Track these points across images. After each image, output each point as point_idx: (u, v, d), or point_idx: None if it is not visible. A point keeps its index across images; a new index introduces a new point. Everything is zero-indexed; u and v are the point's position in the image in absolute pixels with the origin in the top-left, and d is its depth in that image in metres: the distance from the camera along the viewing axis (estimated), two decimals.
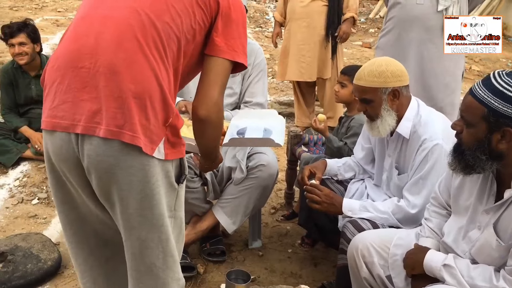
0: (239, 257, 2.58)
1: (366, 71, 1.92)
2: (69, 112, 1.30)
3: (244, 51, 1.47)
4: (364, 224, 1.93)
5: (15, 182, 3.17)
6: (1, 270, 2.24)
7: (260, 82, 2.56)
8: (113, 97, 1.28)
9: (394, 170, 2.04)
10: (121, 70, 1.28)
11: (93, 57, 1.30)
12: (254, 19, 8.15)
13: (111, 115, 1.27)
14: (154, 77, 1.31)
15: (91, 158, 1.29)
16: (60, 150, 1.33)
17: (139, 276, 1.44)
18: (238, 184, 2.41)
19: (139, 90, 1.28)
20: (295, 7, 3.86)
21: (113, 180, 1.31)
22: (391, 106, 1.92)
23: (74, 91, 1.30)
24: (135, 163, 1.30)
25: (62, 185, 1.42)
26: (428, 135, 1.88)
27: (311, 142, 2.93)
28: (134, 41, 1.30)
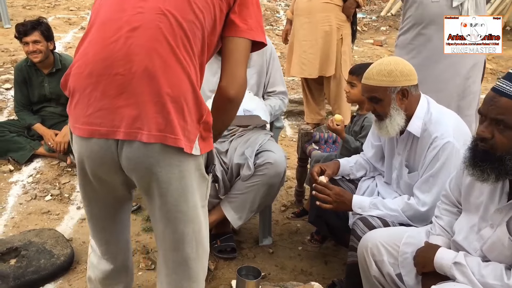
0: (249, 254, 2.59)
1: (375, 71, 1.92)
2: (106, 119, 1.33)
3: (262, 29, 1.50)
4: (374, 221, 1.92)
5: (29, 178, 3.21)
6: (15, 265, 2.28)
7: (278, 70, 2.64)
8: (152, 102, 1.31)
9: (404, 169, 2.03)
10: (157, 75, 1.31)
11: (127, 64, 1.31)
12: (265, 17, 8.14)
13: (151, 120, 1.31)
14: (188, 79, 1.35)
15: (131, 160, 1.36)
16: (97, 155, 1.38)
17: (175, 266, 1.54)
18: (245, 180, 2.42)
19: (176, 94, 1.32)
20: (298, 4, 3.86)
21: (153, 178, 1.37)
22: (400, 105, 1.92)
23: (110, 98, 1.33)
24: (173, 161, 1.37)
25: (90, 184, 1.51)
26: (439, 133, 1.87)
27: (321, 140, 2.93)
28: (166, 45, 1.33)
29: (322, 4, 3.75)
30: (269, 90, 2.64)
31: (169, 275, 1.56)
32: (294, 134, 4.22)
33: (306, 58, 3.86)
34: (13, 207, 2.91)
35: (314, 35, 3.80)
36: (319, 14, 3.76)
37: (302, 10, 3.83)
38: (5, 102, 4.18)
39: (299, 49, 3.89)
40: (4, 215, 2.83)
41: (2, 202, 2.94)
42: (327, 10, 3.76)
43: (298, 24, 3.88)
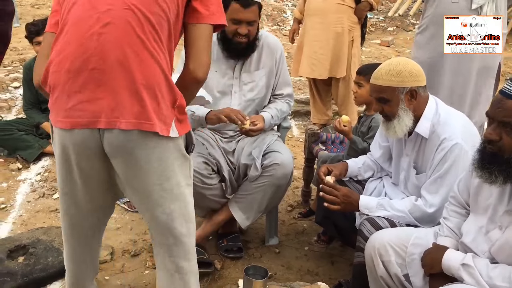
0: (256, 254, 2.60)
1: (383, 71, 1.91)
2: (87, 111, 1.44)
3: (223, 12, 1.61)
4: (381, 222, 1.92)
5: (37, 177, 3.23)
6: (23, 262, 2.29)
7: (286, 71, 2.63)
8: (128, 92, 1.43)
9: (412, 170, 2.03)
10: (131, 67, 1.43)
11: (102, 58, 1.43)
12: (272, 17, 8.15)
13: (128, 109, 1.44)
14: (159, 68, 1.47)
15: (112, 145, 1.47)
16: (82, 143, 1.48)
17: (170, 248, 1.65)
18: (253, 181, 2.42)
19: (149, 83, 1.45)
20: (310, 3, 3.84)
21: (134, 162, 1.50)
22: (408, 106, 1.91)
23: (89, 91, 1.44)
24: (152, 143, 1.49)
25: (71, 178, 1.58)
26: (447, 134, 1.86)
27: (328, 141, 2.93)
28: (136, 38, 1.44)
29: (336, 6, 3.73)
30: (277, 92, 2.62)
31: (166, 257, 1.66)
32: (300, 134, 4.22)
33: (317, 58, 3.84)
34: (21, 205, 2.93)
35: (325, 35, 3.79)
36: (332, 15, 3.74)
37: (315, 10, 3.81)
38: (14, 101, 4.21)
39: (310, 49, 3.87)
40: (12, 212, 2.85)
41: (11, 200, 2.97)
42: (340, 12, 3.74)
43: (310, 24, 3.86)
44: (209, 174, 2.37)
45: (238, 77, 2.50)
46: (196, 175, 2.30)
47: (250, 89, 2.52)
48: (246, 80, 2.51)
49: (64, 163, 1.56)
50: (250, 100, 2.53)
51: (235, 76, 2.50)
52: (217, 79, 2.48)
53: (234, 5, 2.30)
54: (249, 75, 2.51)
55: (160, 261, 1.70)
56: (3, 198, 2.96)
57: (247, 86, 2.52)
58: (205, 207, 2.50)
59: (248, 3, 2.30)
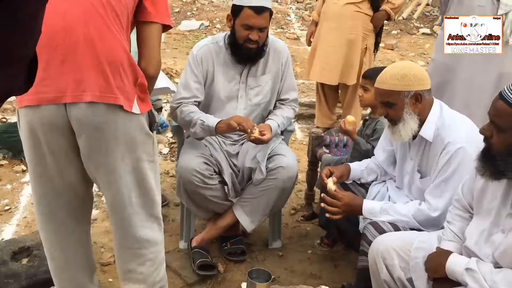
0: (259, 257, 2.60)
1: (388, 75, 1.91)
2: (52, 86, 1.50)
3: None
4: (385, 226, 1.92)
5: None
6: (27, 264, 2.30)
7: (291, 76, 2.62)
8: (92, 67, 1.51)
9: (416, 174, 2.03)
10: (95, 43, 1.51)
11: (67, 35, 1.49)
12: (276, 20, 8.15)
13: (93, 83, 1.51)
14: (121, 46, 1.56)
15: (81, 120, 1.54)
16: (49, 120, 1.53)
17: (128, 222, 1.71)
18: (257, 184, 2.42)
19: (112, 59, 1.53)
20: (328, 7, 3.81)
21: (101, 137, 1.57)
22: (413, 110, 1.91)
23: (54, 67, 1.50)
24: (118, 119, 1.58)
25: (42, 158, 1.61)
26: (451, 138, 1.86)
27: (332, 144, 2.92)
28: (99, 17, 1.52)
29: (353, 12, 3.70)
30: (282, 97, 2.61)
31: (125, 232, 1.74)
32: (304, 137, 4.22)
33: (328, 63, 3.83)
34: (25, 206, 2.94)
35: (339, 41, 3.77)
36: (348, 21, 3.72)
37: (331, 15, 3.77)
38: None
39: (323, 53, 3.85)
40: (16, 214, 2.86)
41: (15, 202, 2.98)
42: (356, 19, 3.71)
43: (325, 29, 3.83)
44: (210, 174, 2.37)
45: (245, 82, 2.50)
46: (197, 175, 2.31)
47: (256, 93, 2.52)
48: (252, 85, 2.51)
49: (33, 144, 1.60)
50: (255, 105, 2.53)
51: (242, 81, 2.50)
52: (224, 84, 2.48)
53: (247, 11, 2.29)
54: (255, 80, 2.51)
55: (120, 237, 1.76)
56: (8, 200, 2.98)
57: (253, 90, 2.52)
58: (209, 210, 2.51)
59: (261, 9, 2.29)
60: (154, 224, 1.78)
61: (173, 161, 3.59)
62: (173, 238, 2.71)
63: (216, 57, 2.46)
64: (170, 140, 3.95)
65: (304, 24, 8.11)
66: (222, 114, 2.49)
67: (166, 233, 2.72)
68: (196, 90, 2.45)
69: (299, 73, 5.78)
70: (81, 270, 1.88)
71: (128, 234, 1.74)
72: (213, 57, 2.46)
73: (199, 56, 2.45)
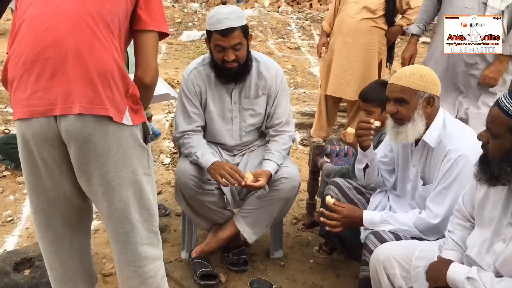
0: (260, 267, 2.59)
1: (407, 72, 1.92)
2: (43, 99, 1.51)
3: (165, 21, 1.73)
4: (386, 235, 1.92)
5: None
6: (29, 275, 2.30)
7: (284, 101, 2.53)
8: (81, 79, 1.51)
9: (419, 181, 2.03)
10: (84, 55, 1.51)
11: (56, 48, 1.51)
12: (277, 30, 8.20)
13: (82, 94, 1.51)
14: (111, 57, 1.55)
15: (70, 132, 1.53)
16: (41, 132, 1.54)
17: (126, 236, 1.68)
18: (260, 195, 2.42)
19: (102, 70, 1.53)
20: (343, 21, 3.78)
21: (92, 149, 1.55)
22: (424, 112, 1.92)
23: (44, 80, 1.51)
24: (108, 130, 1.56)
25: (36, 169, 1.62)
26: (453, 145, 1.87)
27: (333, 153, 2.93)
28: (88, 29, 1.53)
29: (370, 27, 3.70)
30: (275, 121, 2.51)
31: (124, 247, 1.70)
32: (305, 147, 4.23)
33: (344, 78, 3.82)
34: (27, 217, 2.95)
35: (355, 56, 3.76)
36: (365, 36, 3.71)
37: (347, 29, 3.76)
38: None
39: (338, 68, 3.83)
40: (19, 225, 2.87)
41: (17, 213, 2.98)
42: (373, 34, 3.71)
43: (341, 43, 3.81)
44: (208, 179, 2.38)
45: (237, 102, 2.48)
46: (193, 179, 2.32)
47: (250, 115, 2.50)
48: (247, 106, 2.49)
49: (27, 155, 1.61)
50: (250, 125, 2.53)
51: (234, 101, 2.48)
52: (216, 104, 2.47)
53: (215, 35, 2.27)
54: (250, 102, 2.48)
55: (118, 252, 1.72)
56: (10, 211, 2.98)
57: (247, 111, 2.49)
58: (208, 219, 2.51)
59: (227, 31, 2.25)
60: (154, 239, 1.75)
61: (174, 171, 3.60)
62: (174, 248, 2.71)
63: (207, 78, 2.45)
64: (172, 150, 3.96)
65: (305, 34, 8.16)
66: (218, 135, 2.51)
67: (167, 243, 2.74)
68: (195, 115, 2.46)
69: (300, 82, 5.81)
70: (81, 281, 1.86)
71: (126, 250, 1.70)
72: (204, 79, 2.45)
73: (189, 80, 2.45)
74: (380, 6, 3.68)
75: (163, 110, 4.71)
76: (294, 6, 9.56)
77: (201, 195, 2.35)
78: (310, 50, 7.20)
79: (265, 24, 8.42)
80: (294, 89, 5.49)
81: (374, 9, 3.68)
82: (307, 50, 7.25)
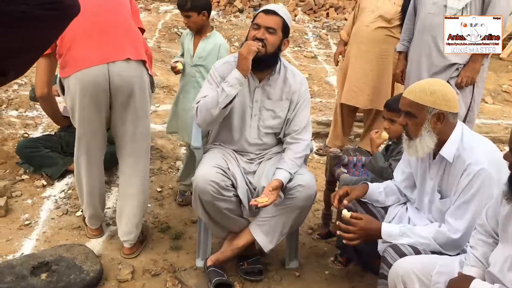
0: (275, 277, 2.58)
1: (418, 87, 1.92)
2: (98, 55, 2.33)
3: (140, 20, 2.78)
4: (405, 249, 1.89)
5: (61, 194, 3.28)
6: (45, 279, 2.32)
7: (305, 110, 2.55)
8: (126, 41, 2.41)
9: (436, 194, 2.01)
10: (127, 29, 2.47)
11: (106, 23, 2.41)
12: (293, 39, 8.20)
13: (127, 48, 2.39)
14: (139, 32, 2.55)
15: (121, 75, 2.35)
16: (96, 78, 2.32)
17: (141, 154, 2.58)
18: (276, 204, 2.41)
19: (137, 37, 2.49)
20: (359, 30, 3.80)
21: (133, 88, 2.40)
22: (433, 128, 1.90)
23: (98, 43, 2.36)
24: (143, 74, 2.45)
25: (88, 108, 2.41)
26: (473, 159, 1.85)
27: (350, 163, 2.91)
28: (125, 13, 2.51)
29: (385, 36, 3.71)
30: (294, 128, 2.52)
31: (137, 161, 2.57)
32: (320, 156, 4.20)
33: (358, 87, 3.82)
34: (45, 221, 2.98)
35: (370, 65, 3.77)
36: (380, 45, 3.72)
37: (362, 38, 3.77)
38: (40, 119, 4.30)
39: (353, 76, 3.85)
40: (36, 229, 2.89)
41: (35, 217, 3.01)
42: (388, 43, 3.71)
43: (356, 51, 3.83)
44: (226, 186, 2.37)
45: (259, 101, 2.50)
46: (213, 185, 2.31)
47: (270, 117, 2.52)
48: (268, 107, 2.51)
49: (84, 98, 2.35)
50: (268, 127, 2.53)
51: (255, 99, 2.50)
52: (237, 97, 2.44)
53: (259, 14, 2.41)
54: (272, 103, 2.51)
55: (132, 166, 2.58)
56: (28, 215, 3.01)
57: (268, 112, 2.51)
58: (224, 226, 2.50)
59: (270, 11, 2.39)
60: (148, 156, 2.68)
61: None
62: (189, 255, 2.71)
63: None
64: None
65: (322, 43, 8.15)
66: (236, 129, 2.51)
67: (183, 250, 2.74)
68: None
69: (316, 91, 5.79)
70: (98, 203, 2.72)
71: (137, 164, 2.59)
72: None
73: (218, 70, 2.49)
74: (395, 16, 3.68)
75: None
76: (310, 15, 9.57)
77: (219, 201, 2.35)
78: (326, 59, 7.18)
79: None
80: (311, 98, 5.46)
81: (389, 18, 3.68)
82: (324, 59, 7.23)
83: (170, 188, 3.45)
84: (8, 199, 3.07)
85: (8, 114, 4.32)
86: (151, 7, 9.04)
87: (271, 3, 9.65)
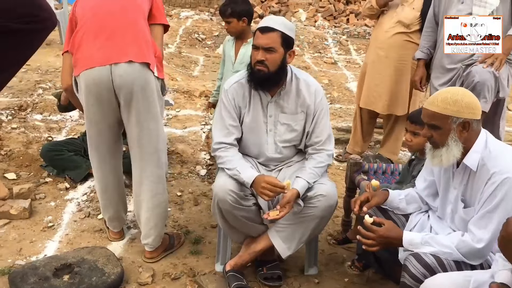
0: (294, 283, 2.57)
1: (440, 97, 1.89)
2: (103, 56, 2.34)
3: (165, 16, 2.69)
4: (427, 258, 1.87)
5: (83, 196, 3.33)
6: (68, 281, 2.35)
7: (324, 120, 2.50)
8: (131, 43, 2.39)
9: (460, 203, 1.98)
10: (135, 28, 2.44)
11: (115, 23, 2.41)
12: (313, 45, 8.21)
13: (131, 51, 2.37)
14: (147, 31, 2.50)
15: (121, 76, 2.34)
16: (100, 78, 2.34)
17: (148, 156, 2.53)
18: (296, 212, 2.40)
19: (144, 38, 2.44)
20: (378, 35, 3.82)
21: (134, 89, 2.37)
22: (459, 137, 1.88)
23: (104, 43, 2.37)
24: (147, 77, 2.40)
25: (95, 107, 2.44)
26: (498, 168, 1.82)
27: (370, 170, 2.89)
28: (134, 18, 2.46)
29: (403, 42, 3.70)
30: (315, 140, 2.49)
31: (144, 166, 2.55)
32: (340, 163, 4.19)
33: (376, 91, 3.82)
34: (68, 224, 3.03)
35: (388, 70, 3.76)
36: (398, 51, 3.72)
37: (381, 43, 3.78)
38: (64, 122, 4.38)
39: (371, 81, 3.85)
40: (59, 231, 2.94)
41: (58, 219, 3.06)
42: (406, 49, 3.69)
43: (374, 56, 3.84)
44: (245, 195, 2.37)
45: (273, 115, 2.48)
46: (232, 195, 2.32)
47: (286, 130, 2.50)
48: (283, 121, 2.49)
49: (89, 97, 2.40)
50: (286, 141, 2.52)
51: (269, 114, 2.48)
52: (251, 116, 2.48)
53: (256, 33, 2.38)
54: (286, 117, 2.48)
55: (140, 171, 2.56)
56: (51, 217, 3.07)
57: (283, 126, 2.49)
58: (242, 232, 2.51)
59: (265, 29, 2.33)
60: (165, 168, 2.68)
61: (210, 182, 3.63)
62: (209, 260, 2.72)
63: (247, 90, 2.48)
64: (208, 162, 4.00)
65: (342, 49, 8.13)
66: (252, 146, 2.52)
67: (202, 255, 2.76)
68: (232, 128, 2.47)
69: (336, 97, 5.78)
70: (117, 195, 2.77)
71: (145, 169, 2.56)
72: (244, 91, 2.48)
73: (230, 92, 2.48)
74: (414, 21, 3.66)
75: (199, 122, 4.77)
76: (330, 21, 9.56)
77: (238, 210, 2.36)
78: (347, 65, 7.16)
79: (301, 39, 8.45)
80: (330, 104, 5.46)
81: (408, 23, 3.67)
82: (344, 65, 7.21)
83: (190, 193, 3.48)
84: (32, 201, 3.14)
85: (33, 118, 4.42)
86: (172, 13, 9.15)
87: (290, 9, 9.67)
